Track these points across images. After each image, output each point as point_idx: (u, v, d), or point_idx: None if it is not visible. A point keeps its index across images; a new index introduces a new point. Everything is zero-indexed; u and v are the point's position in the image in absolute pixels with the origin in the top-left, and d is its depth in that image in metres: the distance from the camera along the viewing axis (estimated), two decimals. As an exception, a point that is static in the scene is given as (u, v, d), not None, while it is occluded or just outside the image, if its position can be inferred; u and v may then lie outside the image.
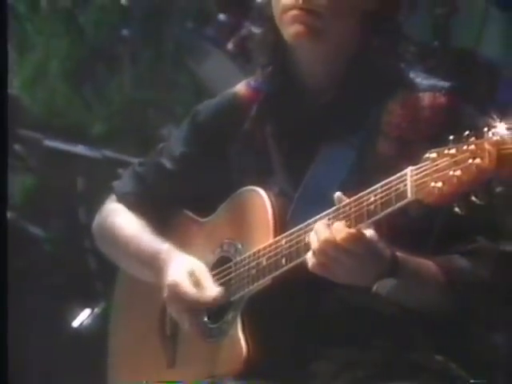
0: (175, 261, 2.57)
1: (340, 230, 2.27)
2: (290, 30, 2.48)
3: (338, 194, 2.31)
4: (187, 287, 2.51)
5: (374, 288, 2.32)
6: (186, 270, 2.53)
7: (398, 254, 2.33)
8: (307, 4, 2.45)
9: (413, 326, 2.44)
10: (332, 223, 2.30)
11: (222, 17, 4.11)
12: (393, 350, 2.45)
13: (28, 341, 4.17)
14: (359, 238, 2.27)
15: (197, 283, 2.51)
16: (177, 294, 2.52)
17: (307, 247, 2.33)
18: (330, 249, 2.27)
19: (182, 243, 2.63)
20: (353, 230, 2.27)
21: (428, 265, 2.40)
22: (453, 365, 2.46)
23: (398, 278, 2.33)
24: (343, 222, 2.28)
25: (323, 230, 2.29)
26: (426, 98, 2.49)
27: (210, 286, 2.51)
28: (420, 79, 2.53)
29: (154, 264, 2.59)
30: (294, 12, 2.46)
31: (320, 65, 2.54)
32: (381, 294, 2.33)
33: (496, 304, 2.47)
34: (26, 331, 4.26)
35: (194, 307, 2.51)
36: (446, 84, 2.51)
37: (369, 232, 2.28)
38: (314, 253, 2.29)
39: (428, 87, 2.51)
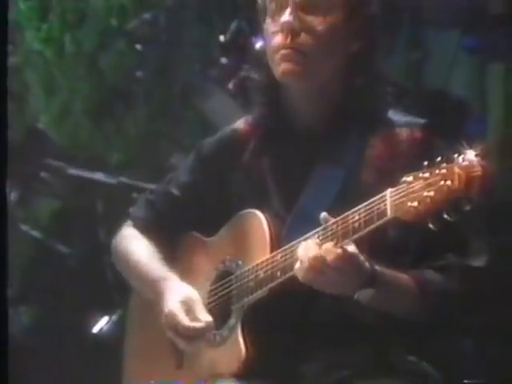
0: (172, 289, 2.58)
1: (329, 250, 2.28)
2: (279, 68, 2.50)
3: (323, 214, 2.33)
4: (180, 317, 2.52)
5: (356, 296, 2.34)
6: (180, 300, 2.54)
7: (377, 267, 2.34)
8: (294, 44, 2.46)
9: (389, 330, 2.45)
10: (321, 240, 2.32)
11: (223, 60, 4.11)
12: (372, 352, 2.45)
13: (53, 345, 4.17)
14: (344, 256, 2.29)
15: (189, 311, 2.52)
16: (171, 323, 2.53)
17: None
18: (319, 265, 2.28)
19: (189, 260, 2.66)
20: (339, 250, 2.28)
21: (403, 277, 2.41)
22: (424, 364, 2.46)
23: (376, 288, 2.34)
24: (332, 243, 2.30)
25: (313, 248, 2.30)
26: (403, 134, 2.50)
27: (200, 314, 2.52)
28: (397, 117, 2.55)
29: (155, 290, 2.61)
30: (283, 51, 2.48)
31: (308, 102, 2.55)
32: (361, 301, 2.35)
33: (464, 313, 2.48)
34: (52, 337, 4.27)
35: (186, 334, 2.51)
36: (420, 121, 2.54)
37: (351, 248, 2.29)
38: (304, 267, 2.30)
39: (405, 124, 2.52)
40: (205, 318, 2.50)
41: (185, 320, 2.50)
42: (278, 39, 2.48)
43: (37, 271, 4.60)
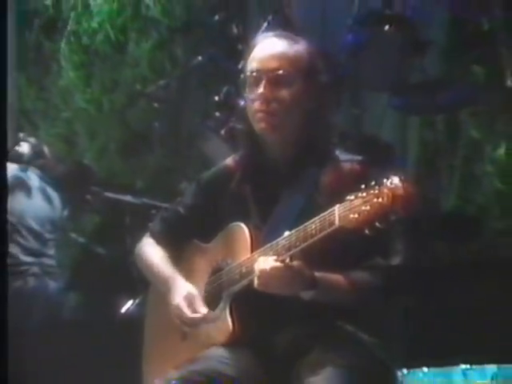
0: (177, 287, 2.54)
1: (270, 264, 2.30)
2: (257, 125, 2.49)
3: (286, 233, 2.34)
4: (184, 310, 2.49)
5: (301, 295, 2.33)
6: (184, 296, 2.51)
7: (316, 273, 2.33)
8: (268, 109, 2.45)
9: (335, 311, 2.41)
10: (273, 253, 2.33)
11: (217, 114, 4.12)
12: (324, 326, 2.42)
13: (92, 322, 4.14)
14: (281, 268, 2.30)
15: (190, 305, 2.49)
16: (177, 314, 2.51)
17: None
18: (264, 276, 2.31)
19: (192, 260, 2.62)
20: (279, 264, 2.29)
21: (337, 278, 2.38)
22: (361, 333, 2.43)
23: (316, 289, 2.33)
24: (274, 257, 2.31)
25: (262, 263, 2.32)
26: (347, 166, 2.48)
27: (199, 307, 2.49)
28: (342, 155, 2.52)
29: (165, 285, 2.58)
30: (259, 114, 2.47)
31: (278, 147, 2.52)
32: (305, 299, 2.34)
33: (387, 303, 2.47)
34: (92, 316, 4.24)
35: (186, 323, 2.50)
36: (358, 157, 2.51)
37: (295, 263, 2.30)
38: (256, 279, 2.32)
39: (347, 159, 2.50)
40: (203, 310, 2.48)
41: (187, 312, 2.48)
42: (256, 105, 2.46)
43: (81, 268, 4.57)
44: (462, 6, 3.99)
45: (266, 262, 2.31)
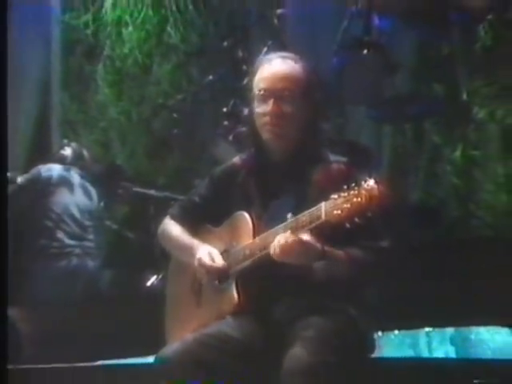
0: (200, 247, 2.50)
1: (289, 238, 2.25)
2: (265, 135, 2.46)
3: (289, 214, 2.29)
4: (207, 260, 2.45)
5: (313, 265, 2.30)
6: (206, 252, 2.47)
7: (325, 247, 2.28)
8: (276, 122, 2.43)
9: (326, 286, 2.36)
10: (285, 231, 2.27)
11: (226, 123, 4.10)
12: (316, 300, 2.38)
13: (122, 294, 4.11)
14: (298, 241, 2.25)
15: (211, 259, 2.45)
16: (201, 264, 2.46)
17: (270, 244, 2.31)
18: (284, 248, 2.26)
19: (204, 241, 2.56)
20: (296, 237, 2.24)
21: (340, 253, 2.34)
22: (344, 304, 2.39)
23: (325, 259, 2.29)
24: (289, 233, 2.25)
25: (281, 238, 2.27)
26: (334, 167, 2.43)
27: (218, 260, 2.45)
28: (331, 156, 2.47)
29: (190, 252, 2.51)
30: (268, 127, 2.45)
31: (279, 150, 2.49)
32: (316, 268, 2.30)
33: (377, 275, 2.41)
34: (123, 288, 4.21)
35: (210, 272, 2.45)
36: (344, 159, 2.46)
37: (305, 236, 2.25)
38: (277, 251, 2.26)
39: (334, 161, 2.45)
40: (220, 261, 2.45)
41: (209, 262, 2.45)
42: (265, 119, 2.44)
43: (114, 249, 4.54)
44: (426, 32, 3.97)
45: (284, 237, 2.26)
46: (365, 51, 3.75)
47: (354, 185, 2.15)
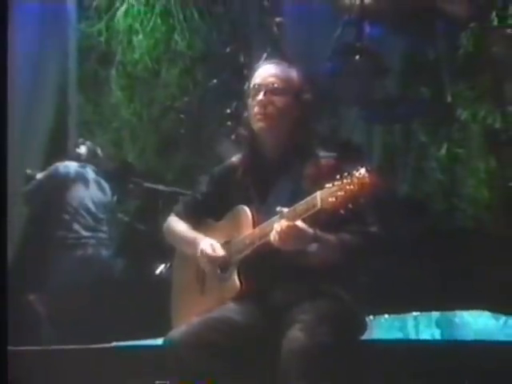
0: (203, 240, 2.47)
1: (286, 225, 2.23)
2: (256, 125, 2.43)
3: (279, 208, 2.27)
4: (209, 251, 2.43)
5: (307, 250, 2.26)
6: (209, 243, 2.44)
7: (318, 232, 2.26)
8: (265, 112, 2.40)
9: (319, 273, 2.33)
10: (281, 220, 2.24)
11: (229, 123, 4.12)
12: (312, 285, 2.35)
13: (132, 280, 4.09)
14: (293, 227, 2.22)
15: (213, 249, 2.43)
16: (204, 254, 2.43)
17: (268, 234, 2.28)
18: (282, 234, 2.23)
19: (206, 235, 2.52)
20: (292, 224, 2.21)
21: (331, 237, 2.31)
22: (339, 290, 2.37)
23: (317, 243, 2.26)
24: (286, 221, 2.22)
25: (279, 227, 2.24)
26: (325, 162, 2.39)
27: (219, 251, 2.43)
28: (322, 152, 2.44)
29: (193, 245, 2.49)
30: (258, 116, 2.41)
31: (273, 147, 2.46)
32: (310, 250, 2.27)
33: (366, 259, 2.38)
34: (134, 276, 4.19)
35: (212, 261, 2.43)
36: (333, 154, 2.43)
37: (299, 223, 2.22)
38: (276, 237, 2.23)
39: (324, 156, 2.42)
40: (221, 252, 2.43)
41: (211, 252, 2.43)
42: (256, 109, 2.42)
43: (126, 240, 4.52)
44: (414, 40, 3.95)
45: (280, 225, 2.24)
46: (357, 57, 3.74)
47: (346, 174, 2.14)
